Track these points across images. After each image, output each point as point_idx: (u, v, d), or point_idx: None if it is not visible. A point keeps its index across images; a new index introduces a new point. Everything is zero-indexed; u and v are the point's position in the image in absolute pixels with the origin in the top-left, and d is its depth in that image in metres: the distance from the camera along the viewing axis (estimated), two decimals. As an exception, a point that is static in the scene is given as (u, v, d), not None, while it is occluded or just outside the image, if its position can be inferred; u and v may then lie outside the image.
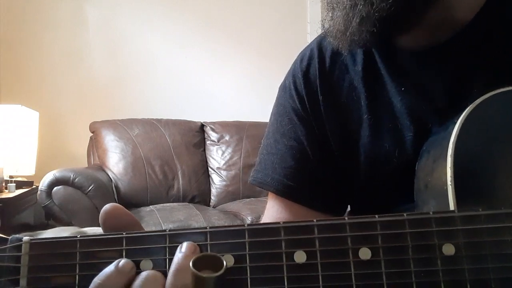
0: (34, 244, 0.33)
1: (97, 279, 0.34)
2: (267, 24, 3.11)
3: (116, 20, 2.88)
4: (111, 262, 0.34)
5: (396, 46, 0.58)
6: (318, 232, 0.32)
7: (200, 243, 0.33)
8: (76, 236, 0.33)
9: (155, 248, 0.34)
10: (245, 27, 3.08)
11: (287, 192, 0.63)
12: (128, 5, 2.89)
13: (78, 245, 0.34)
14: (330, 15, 0.54)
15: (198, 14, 3.01)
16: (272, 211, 0.66)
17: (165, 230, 0.33)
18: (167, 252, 0.33)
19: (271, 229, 0.32)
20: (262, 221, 0.67)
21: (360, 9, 0.48)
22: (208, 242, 0.31)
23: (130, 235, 0.33)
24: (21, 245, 0.33)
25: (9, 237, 0.33)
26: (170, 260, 0.34)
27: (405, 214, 0.36)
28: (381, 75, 0.59)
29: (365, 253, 0.34)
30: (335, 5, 0.52)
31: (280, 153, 0.65)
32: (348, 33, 0.52)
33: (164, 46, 2.95)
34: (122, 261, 0.34)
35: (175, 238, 0.33)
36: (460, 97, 0.54)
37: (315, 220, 0.32)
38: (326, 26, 0.56)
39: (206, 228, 0.31)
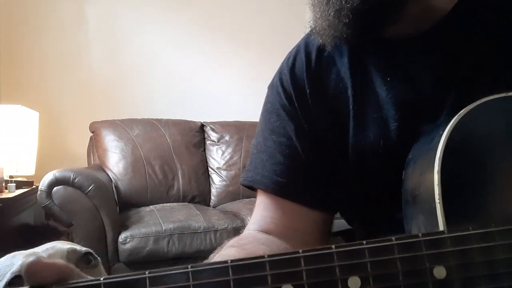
0: None
1: None
2: (267, 24, 3.09)
3: (116, 20, 2.87)
4: None
5: (381, 36, 0.58)
6: (305, 263, 0.32)
7: (182, 284, 0.31)
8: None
9: None
10: (245, 27, 3.07)
11: (277, 189, 0.62)
12: (128, 5, 2.88)
13: None
14: (313, 14, 0.56)
15: (198, 14, 3.00)
16: (263, 208, 0.65)
17: (144, 273, 0.30)
18: None
19: (256, 264, 0.31)
20: (251, 220, 0.66)
21: (333, 2, 0.52)
22: (191, 282, 0.30)
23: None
24: None
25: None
26: None
27: (393, 238, 0.35)
28: (366, 65, 0.59)
29: (354, 283, 0.33)
30: (315, 3, 0.55)
31: (270, 150, 0.64)
32: (328, 28, 0.55)
33: (164, 46, 2.94)
34: None
35: (156, 280, 0.31)
36: (445, 85, 0.54)
37: (301, 251, 0.31)
38: (312, 25, 0.59)
39: (187, 267, 0.30)
